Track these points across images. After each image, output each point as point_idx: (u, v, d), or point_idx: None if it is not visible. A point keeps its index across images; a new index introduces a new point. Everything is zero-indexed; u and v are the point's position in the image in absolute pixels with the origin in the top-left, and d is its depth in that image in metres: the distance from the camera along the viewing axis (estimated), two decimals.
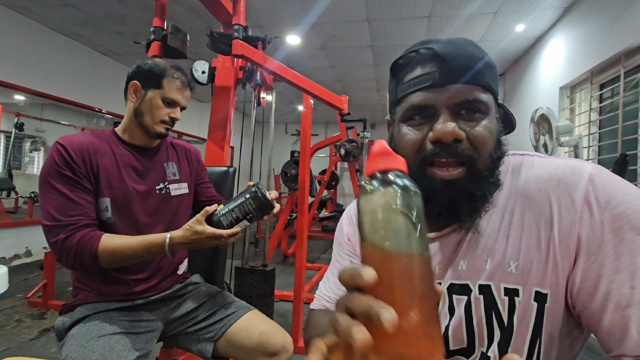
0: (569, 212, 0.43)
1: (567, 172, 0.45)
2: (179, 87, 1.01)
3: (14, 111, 3.96)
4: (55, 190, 0.87)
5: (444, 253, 0.51)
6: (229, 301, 1.08)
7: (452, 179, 0.45)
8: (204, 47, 1.58)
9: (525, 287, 0.45)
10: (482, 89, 0.45)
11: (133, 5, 3.30)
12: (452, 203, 0.45)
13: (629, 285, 0.38)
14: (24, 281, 3.11)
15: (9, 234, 3.56)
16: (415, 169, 0.46)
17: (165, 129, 1.02)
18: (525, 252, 0.45)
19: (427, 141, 0.46)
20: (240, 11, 1.53)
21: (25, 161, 4.24)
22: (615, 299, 0.39)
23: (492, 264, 0.47)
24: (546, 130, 2.75)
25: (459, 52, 0.45)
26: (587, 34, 2.80)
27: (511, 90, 4.51)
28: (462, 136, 0.44)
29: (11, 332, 2.17)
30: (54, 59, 3.90)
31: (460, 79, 0.44)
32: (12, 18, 3.48)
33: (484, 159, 0.45)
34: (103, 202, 0.94)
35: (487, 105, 0.46)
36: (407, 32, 3.60)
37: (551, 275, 0.43)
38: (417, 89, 0.46)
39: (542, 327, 0.44)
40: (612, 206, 0.41)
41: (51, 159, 0.89)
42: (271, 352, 0.98)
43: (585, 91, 2.94)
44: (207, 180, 1.21)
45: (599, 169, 0.44)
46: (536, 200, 0.46)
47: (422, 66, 0.46)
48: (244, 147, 2.22)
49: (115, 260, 0.87)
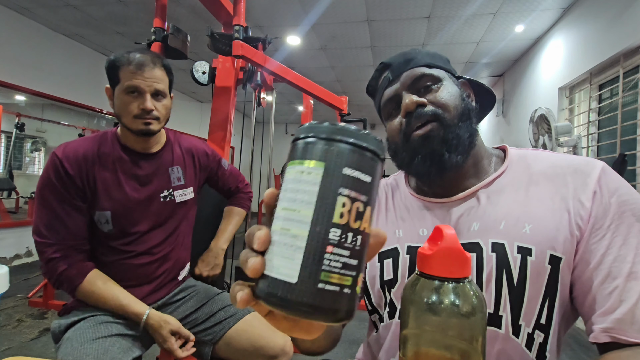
0: (584, 191, 0.48)
1: (582, 162, 0.51)
2: (132, 70, 0.86)
3: (15, 111, 3.97)
4: (46, 205, 0.87)
5: (453, 217, 0.54)
6: (228, 303, 1.06)
7: (426, 132, 0.53)
8: (205, 47, 1.58)
9: (538, 247, 0.47)
10: (425, 67, 0.56)
11: (134, 6, 3.31)
12: (432, 151, 0.52)
13: (625, 260, 0.43)
14: (25, 281, 3.12)
15: (10, 234, 3.57)
16: (402, 144, 0.56)
17: (144, 124, 0.90)
18: (540, 218, 0.49)
19: (402, 119, 0.55)
20: (240, 12, 1.53)
21: (26, 161, 4.25)
22: (609, 270, 0.44)
23: (505, 225, 0.50)
24: (545, 131, 2.76)
25: (398, 56, 0.59)
26: (586, 35, 2.80)
27: (510, 91, 4.52)
28: (423, 102, 0.54)
29: (12, 331, 2.18)
30: (55, 59, 3.91)
31: (405, 68, 0.56)
32: (13, 19, 3.49)
33: (450, 113, 0.53)
34: (103, 215, 0.92)
35: (435, 77, 0.56)
36: (407, 32, 3.61)
37: (564, 242, 0.47)
38: (383, 90, 0.59)
39: (557, 293, 0.47)
40: (619, 194, 0.47)
41: (46, 172, 0.88)
42: (271, 355, 0.96)
43: (584, 92, 2.95)
44: (222, 172, 1.18)
45: (608, 166, 0.50)
46: (553, 179, 0.51)
47: (380, 76, 0.61)
48: (244, 147, 2.23)
49: (90, 302, 0.90)
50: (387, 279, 0.56)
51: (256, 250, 0.24)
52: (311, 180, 0.24)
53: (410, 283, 0.32)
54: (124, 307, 0.89)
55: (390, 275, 0.55)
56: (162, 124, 0.96)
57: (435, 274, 0.30)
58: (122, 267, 0.95)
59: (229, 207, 1.25)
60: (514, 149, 0.59)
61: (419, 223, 0.56)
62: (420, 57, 0.57)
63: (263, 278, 0.24)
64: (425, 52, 0.58)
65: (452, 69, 0.59)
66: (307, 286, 0.23)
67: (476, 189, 0.54)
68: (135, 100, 0.88)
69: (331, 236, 0.23)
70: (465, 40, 3.75)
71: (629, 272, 0.43)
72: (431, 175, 0.54)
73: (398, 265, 0.55)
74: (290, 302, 0.23)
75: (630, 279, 0.42)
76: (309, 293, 0.23)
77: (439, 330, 0.29)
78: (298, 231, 0.24)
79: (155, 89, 0.90)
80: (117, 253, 0.95)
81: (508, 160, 0.56)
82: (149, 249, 0.99)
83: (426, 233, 0.55)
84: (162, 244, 1.01)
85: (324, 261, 0.23)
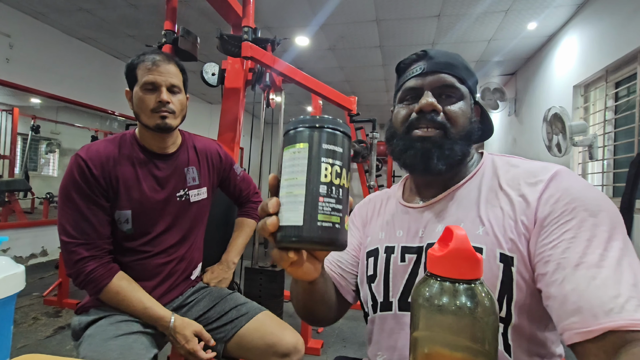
0: (532, 192, 0.51)
1: (540, 167, 0.55)
2: (148, 66, 0.92)
3: (31, 114, 4.06)
4: (71, 205, 0.88)
5: (427, 220, 0.60)
6: (241, 302, 1.07)
7: (427, 135, 0.57)
8: (214, 49, 1.59)
9: (488, 246, 0.51)
10: (458, 80, 0.59)
11: (145, 9, 3.35)
12: (424, 152, 0.57)
13: (574, 251, 0.43)
14: (40, 280, 3.19)
15: (26, 234, 3.66)
16: (402, 133, 0.61)
17: (161, 118, 0.93)
18: (491, 220, 0.53)
19: (413, 112, 0.59)
20: (249, 13, 1.54)
21: (41, 163, 4.34)
22: (558, 262, 0.44)
23: (464, 227, 0.54)
24: (559, 130, 2.70)
25: (444, 54, 0.61)
26: (602, 31, 2.73)
27: (523, 90, 4.43)
28: (439, 108, 0.57)
29: (28, 329, 2.23)
30: (69, 62, 4.00)
31: (442, 70, 0.59)
32: (28, 23, 3.58)
33: (456, 130, 0.58)
34: (124, 214, 0.94)
35: (462, 93, 0.59)
36: (417, 31, 3.58)
37: (512, 242, 0.50)
38: (411, 76, 0.61)
39: (513, 290, 0.49)
40: (570, 192, 0.48)
41: (70, 172, 0.89)
42: (282, 353, 0.97)
43: (600, 89, 2.88)
44: (233, 176, 1.19)
45: (567, 169, 0.53)
46: (510, 185, 0.55)
47: (416, 62, 0.62)
48: (254, 148, 2.24)
49: (113, 303, 0.90)
50: (369, 274, 0.64)
51: (271, 214, 0.36)
52: (302, 156, 0.35)
53: (420, 284, 0.32)
54: (147, 310, 0.91)
55: (371, 272, 0.64)
56: (177, 119, 0.98)
57: (445, 275, 0.30)
58: (139, 268, 0.97)
59: (240, 219, 1.26)
60: (491, 154, 0.63)
61: (397, 225, 0.64)
62: (460, 67, 0.60)
63: (279, 230, 0.35)
64: (466, 65, 0.62)
65: (475, 90, 0.63)
66: (311, 225, 0.33)
67: (447, 192, 0.60)
68: (152, 95, 0.93)
69: (321, 190, 0.34)
70: (476, 39, 3.70)
71: (577, 262, 0.43)
72: (415, 168, 0.60)
73: (377, 263, 0.63)
74: (302, 237, 0.34)
75: (578, 268, 0.42)
76: (313, 229, 0.33)
77: (450, 333, 0.29)
78: (298, 191, 0.34)
79: (170, 83, 0.94)
80: (135, 253, 0.97)
81: (480, 166, 0.61)
82: (165, 249, 1.00)
83: (401, 234, 0.62)
84: (177, 245, 1.03)
85: (319, 208, 0.34)
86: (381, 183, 4.49)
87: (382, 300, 0.61)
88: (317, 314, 0.63)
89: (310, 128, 0.36)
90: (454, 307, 0.28)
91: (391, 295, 0.60)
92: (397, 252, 0.60)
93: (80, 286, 0.89)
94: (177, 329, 0.91)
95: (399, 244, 0.61)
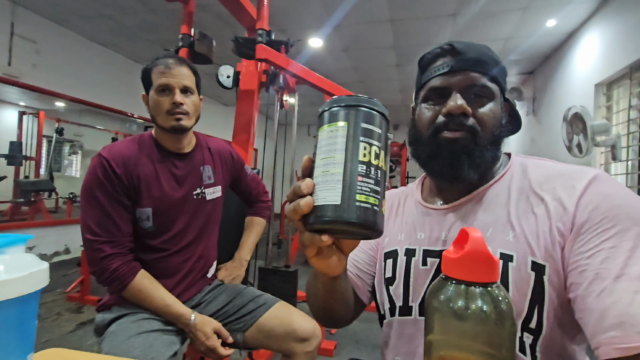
0: (569, 198, 0.48)
1: (576, 170, 0.51)
2: (162, 70, 0.95)
3: (55, 117, 4.22)
4: (95, 204, 0.91)
5: (451, 222, 0.57)
6: (257, 294, 1.10)
7: (456, 139, 0.53)
8: (230, 52, 1.62)
9: (519, 253, 0.48)
10: (489, 78, 0.54)
11: (163, 14, 3.44)
12: (453, 158, 0.53)
13: (615, 262, 0.41)
14: (63, 277, 3.30)
15: (50, 232, 3.80)
16: (428, 136, 0.56)
17: (176, 120, 0.96)
18: (523, 226, 0.49)
19: (440, 115, 0.55)
20: (264, 16, 1.56)
21: (65, 164, 4.50)
22: (597, 272, 0.41)
23: (492, 232, 0.52)
24: (580, 130, 2.62)
25: (472, 48, 0.55)
26: (626, 27, 2.64)
27: (542, 89, 4.32)
28: (469, 111, 0.53)
29: (51, 324, 2.31)
30: (91, 67, 4.14)
31: (472, 68, 0.54)
32: (53, 30, 3.72)
33: (486, 134, 0.53)
34: (145, 212, 0.96)
35: (492, 92, 0.55)
36: (432, 31, 3.54)
37: (545, 249, 0.47)
38: (437, 74, 0.55)
39: (545, 299, 0.47)
40: (612, 199, 0.45)
41: (93, 171, 0.92)
42: (302, 338, 0.99)
43: (623, 88, 2.78)
44: (244, 175, 1.22)
45: (606, 174, 0.49)
46: (543, 189, 0.51)
47: (442, 57, 0.57)
48: (267, 149, 2.26)
49: (136, 300, 0.93)
50: (387, 276, 0.61)
51: (304, 195, 0.33)
52: (340, 135, 0.34)
53: (435, 287, 0.31)
54: (169, 307, 0.93)
55: (390, 274, 0.61)
56: (192, 120, 1.01)
57: (461, 277, 0.29)
58: (160, 266, 0.99)
59: (250, 218, 1.28)
60: (519, 156, 0.59)
61: (418, 227, 0.60)
62: (490, 63, 0.55)
63: (313, 212, 0.33)
64: (496, 58, 0.56)
65: (505, 85, 0.58)
66: (349, 204, 0.31)
67: (473, 195, 0.56)
68: (166, 97, 0.96)
69: (359, 169, 0.32)
70: (493, 37, 3.63)
71: (618, 273, 0.40)
72: (443, 176, 0.56)
73: (397, 265, 0.60)
74: (339, 217, 0.31)
75: (620, 280, 0.39)
76: (351, 209, 0.31)
77: (465, 337, 0.28)
78: (336, 170, 0.33)
79: (183, 85, 0.97)
80: (156, 251, 0.99)
81: (508, 168, 0.57)
82: (183, 247, 1.03)
83: (423, 237, 0.59)
84: (194, 242, 1.06)
85: (357, 187, 0.32)
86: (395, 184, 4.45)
87: (402, 305, 0.58)
88: (336, 313, 0.61)
89: (348, 107, 0.34)
90: (470, 311, 0.28)
91: (411, 299, 0.57)
92: (419, 255, 0.58)
93: (105, 283, 0.91)
94: (198, 326, 0.93)
95: (421, 247, 0.58)
